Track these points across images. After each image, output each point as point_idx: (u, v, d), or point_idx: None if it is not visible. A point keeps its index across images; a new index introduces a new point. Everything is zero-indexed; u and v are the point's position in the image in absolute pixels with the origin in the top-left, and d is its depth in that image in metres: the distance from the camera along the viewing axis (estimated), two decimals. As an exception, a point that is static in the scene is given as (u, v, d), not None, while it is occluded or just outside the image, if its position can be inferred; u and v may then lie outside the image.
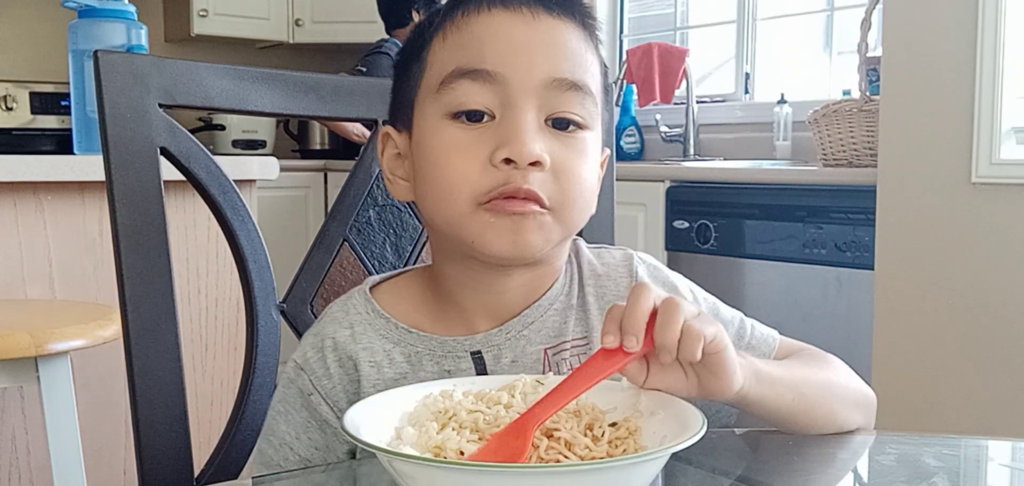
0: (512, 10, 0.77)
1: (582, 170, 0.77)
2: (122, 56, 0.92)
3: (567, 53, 0.78)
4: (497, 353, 0.81)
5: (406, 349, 0.81)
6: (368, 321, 0.83)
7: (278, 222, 3.80)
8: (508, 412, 0.67)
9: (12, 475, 1.94)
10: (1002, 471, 0.84)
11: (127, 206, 0.91)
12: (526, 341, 0.82)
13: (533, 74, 0.76)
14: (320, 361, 0.82)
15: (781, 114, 3.22)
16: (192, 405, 0.95)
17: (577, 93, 0.77)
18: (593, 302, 0.85)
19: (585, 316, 0.85)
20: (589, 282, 0.86)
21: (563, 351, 0.83)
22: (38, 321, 1.60)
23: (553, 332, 0.83)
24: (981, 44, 2.10)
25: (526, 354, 0.82)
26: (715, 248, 2.78)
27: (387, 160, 0.85)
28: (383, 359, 0.81)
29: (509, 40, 0.76)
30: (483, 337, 0.82)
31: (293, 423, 0.83)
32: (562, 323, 0.84)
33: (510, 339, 0.82)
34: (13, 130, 4.01)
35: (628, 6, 4.04)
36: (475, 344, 0.81)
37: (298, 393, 0.83)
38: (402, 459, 0.59)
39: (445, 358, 0.81)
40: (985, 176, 2.12)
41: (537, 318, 0.83)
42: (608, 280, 0.86)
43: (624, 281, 0.86)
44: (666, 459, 0.61)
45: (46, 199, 1.96)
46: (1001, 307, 2.12)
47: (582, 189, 0.78)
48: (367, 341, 0.82)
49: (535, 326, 0.83)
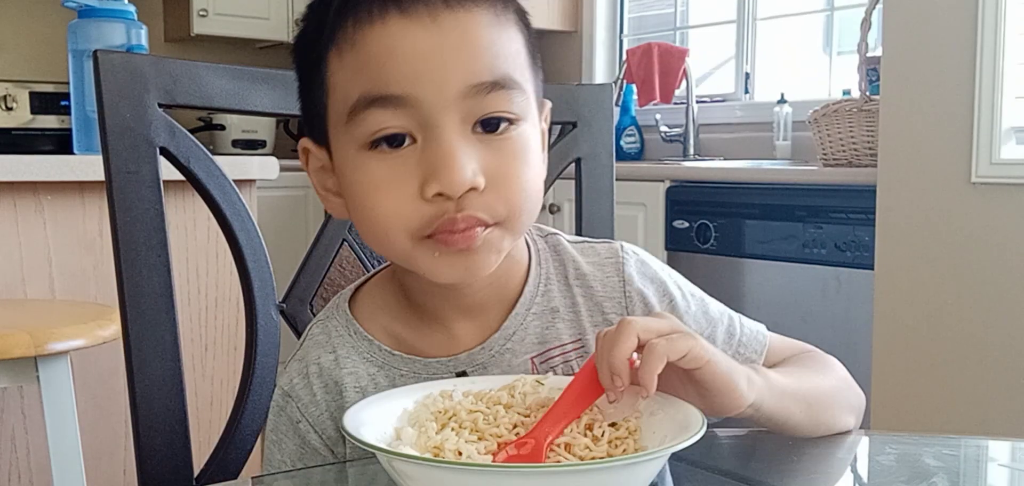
0: (409, 16, 0.67)
1: (521, 172, 0.70)
2: (122, 56, 0.92)
3: (479, 50, 0.68)
4: (482, 371, 0.78)
5: (390, 372, 0.78)
6: (352, 344, 0.79)
7: (278, 222, 3.79)
8: (508, 412, 0.67)
9: (12, 475, 1.94)
10: (1002, 471, 0.84)
11: (127, 206, 0.91)
12: (511, 354, 0.79)
13: (447, 88, 0.67)
14: (306, 388, 0.79)
15: (781, 114, 3.22)
16: (192, 405, 0.95)
17: (500, 90, 0.69)
18: (582, 303, 0.81)
19: (576, 318, 0.81)
20: (575, 282, 0.82)
21: (551, 358, 0.80)
22: (38, 321, 1.60)
23: (537, 339, 0.79)
24: (981, 44, 2.10)
25: (513, 367, 0.78)
26: (715, 248, 2.78)
27: (314, 175, 0.78)
28: (368, 383, 0.78)
29: (413, 55, 0.67)
30: (467, 356, 0.78)
31: (286, 450, 0.80)
32: (545, 328, 0.80)
33: (494, 355, 0.78)
34: (13, 130, 4.01)
35: (628, 6, 4.04)
36: (460, 364, 0.78)
37: (288, 421, 0.80)
38: (402, 459, 0.59)
39: (429, 379, 0.77)
40: (985, 176, 2.12)
41: (517, 328, 0.79)
42: (594, 279, 0.82)
43: (612, 278, 0.82)
44: (666, 459, 0.61)
45: (46, 199, 1.96)
46: (1001, 307, 2.12)
47: (526, 192, 0.71)
48: (351, 366, 0.79)
49: (517, 336, 0.79)
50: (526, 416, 0.66)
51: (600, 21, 4.00)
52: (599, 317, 0.81)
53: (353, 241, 1.06)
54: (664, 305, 0.82)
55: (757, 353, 0.84)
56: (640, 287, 0.82)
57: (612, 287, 0.82)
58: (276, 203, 3.84)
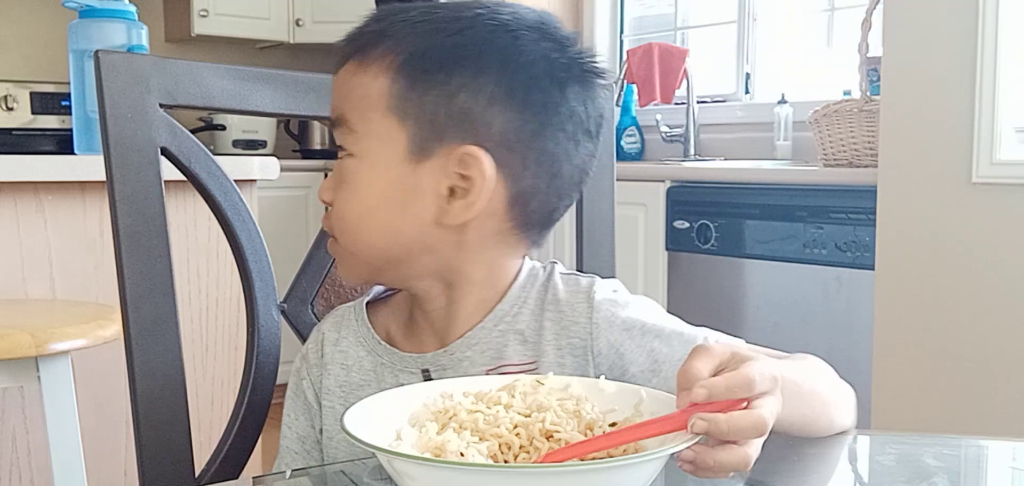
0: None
1: (344, 200, 0.83)
2: (123, 56, 0.92)
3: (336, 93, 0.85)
4: (441, 373, 0.85)
5: (375, 360, 0.88)
6: (354, 329, 0.90)
7: (279, 222, 3.80)
8: (508, 412, 0.67)
9: (13, 475, 1.95)
10: (1002, 471, 0.84)
11: (128, 206, 0.91)
12: (469, 363, 0.85)
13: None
14: (313, 350, 0.91)
15: (781, 114, 3.22)
16: (192, 405, 0.95)
17: (337, 127, 0.84)
18: (550, 326, 0.86)
19: (538, 340, 0.85)
20: (550, 308, 0.86)
21: (504, 372, 0.84)
22: (39, 321, 1.60)
23: (493, 354, 0.85)
24: (981, 44, 2.10)
25: (470, 374, 0.84)
26: (716, 248, 2.78)
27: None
28: (354, 364, 0.89)
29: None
30: (432, 356, 0.86)
31: (291, 406, 0.92)
32: (502, 345, 0.85)
33: (454, 359, 0.85)
34: (14, 130, 4.01)
35: (628, 6, 4.04)
36: (425, 362, 0.86)
37: (296, 380, 0.92)
38: (402, 459, 0.59)
39: (401, 372, 0.86)
40: (985, 176, 2.12)
41: (480, 340, 0.85)
42: (567, 307, 0.86)
43: (582, 309, 0.85)
44: (666, 459, 0.61)
45: (47, 199, 1.96)
46: (1001, 307, 2.12)
47: (345, 220, 0.84)
48: (346, 345, 0.89)
49: (477, 347, 0.85)
50: (527, 416, 0.66)
51: (600, 21, 4.01)
52: (564, 341, 0.85)
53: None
54: (635, 332, 0.84)
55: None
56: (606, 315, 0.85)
57: (581, 315, 0.85)
58: (277, 203, 3.84)
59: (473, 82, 0.80)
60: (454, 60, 0.81)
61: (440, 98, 0.81)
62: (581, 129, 0.84)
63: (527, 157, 0.82)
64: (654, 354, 0.84)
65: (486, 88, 0.80)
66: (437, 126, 0.81)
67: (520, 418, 0.66)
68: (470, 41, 0.81)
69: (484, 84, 0.80)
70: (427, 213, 0.82)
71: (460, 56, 0.81)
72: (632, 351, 0.84)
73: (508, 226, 0.84)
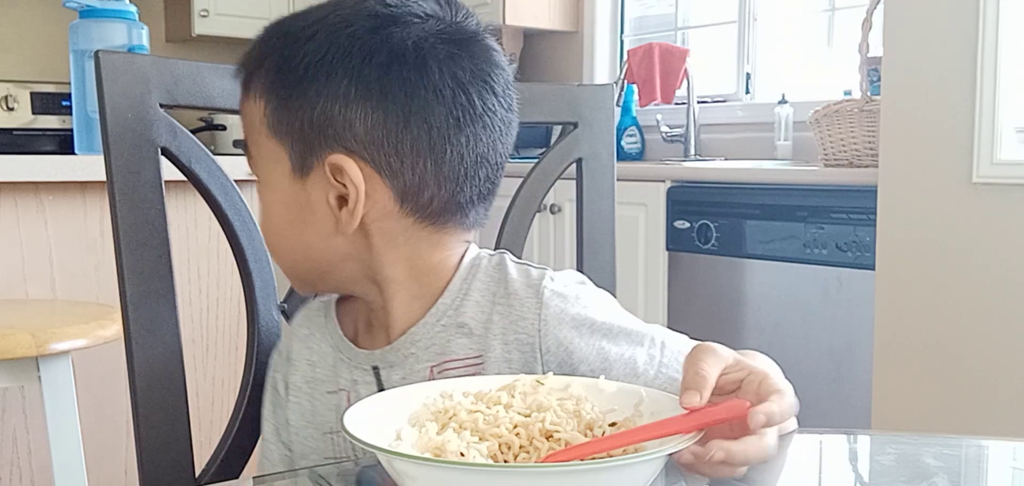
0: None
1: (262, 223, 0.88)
2: (123, 56, 0.92)
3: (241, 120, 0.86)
4: (389, 370, 0.86)
5: (336, 355, 0.89)
6: (321, 324, 0.92)
7: (279, 222, 3.79)
8: (508, 412, 0.67)
9: (13, 475, 1.95)
10: (1002, 471, 0.84)
11: (128, 206, 0.91)
12: (414, 359, 0.85)
13: None
14: (285, 346, 0.94)
15: (782, 114, 3.22)
16: (192, 405, 0.95)
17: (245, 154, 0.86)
18: (498, 321, 0.83)
19: (485, 333, 0.83)
20: (500, 301, 0.84)
21: (448, 369, 0.83)
22: (39, 321, 1.60)
23: (438, 350, 0.84)
24: (981, 44, 2.10)
25: (414, 371, 0.84)
26: (716, 248, 2.78)
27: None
28: (318, 359, 0.90)
29: None
30: (380, 353, 0.86)
31: (268, 400, 0.94)
32: (447, 341, 0.84)
33: (400, 356, 0.85)
34: (14, 130, 4.01)
35: (629, 6, 4.04)
36: (375, 359, 0.86)
37: (272, 373, 0.94)
38: (402, 459, 0.59)
39: (355, 368, 0.87)
40: (985, 176, 2.12)
41: (423, 336, 0.85)
42: (516, 299, 0.83)
43: (530, 304, 0.83)
44: (665, 459, 0.61)
45: (47, 199, 1.96)
46: (1001, 307, 2.12)
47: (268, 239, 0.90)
48: (314, 342, 0.91)
49: (421, 344, 0.84)
50: (527, 416, 0.66)
51: (601, 21, 4.01)
52: (511, 336, 0.83)
53: (354, 241, 1.06)
54: (583, 330, 0.82)
55: (680, 370, 0.80)
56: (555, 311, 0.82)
57: (529, 309, 0.83)
58: (277, 203, 3.84)
59: (326, 88, 0.79)
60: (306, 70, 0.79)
61: (303, 111, 0.80)
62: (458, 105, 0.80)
63: (401, 151, 0.79)
64: (603, 353, 0.82)
65: (339, 91, 0.79)
66: (307, 140, 0.80)
67: (520, 418, 0.66)
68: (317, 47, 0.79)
69: (337, 88, 0.79)
70: (325, 225, 0.82)
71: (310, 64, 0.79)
72: (581, 349, 0.82)
73: (410, 222, 0.82)
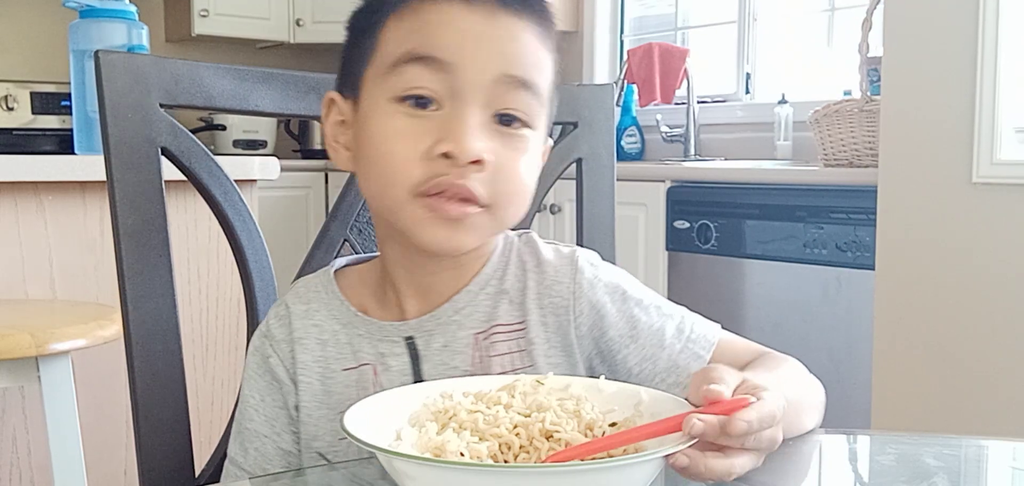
0: (470, 5, 0.77)
1: (520, 169, 0.79)
2: (123, 56, 0.92)
3: (522, 50, 0.78)
4: (428, 338, 0.83)
5: (350, 331, 0.85)
6: (324, 300, 0.86)
7: (279, 222, 3.80)
8: (508, 412, 0.67)
9: (13, 475, 1.95)
10: (1002, 471, 0.84)
11: (128, 206, 0.91)
12: (457, 326, 0.83)
13: (486, 68, 0.76)
14: (278, 326, 0.86)
15: (782, 114, 3.22)
16: (192, 405, 0.95)
17: (526, 92, 0.78)
18: (533, 286, 0.85)
19: (523, 302, 0.85)
20: (532, 270, 0.86)
21: (493, 336, 0.83)
22: (39, 321, 1.60)
23: (483, 317, 0.84)
24: (981, 44, 2.10)
25: (457, 339, 0.83)
26: (716, 248, 2.78)
27: (330, 126, 0.85)
28: (329, 337, 0.85)
29: (465, 31, 0.76)
30: (416, 323, 0.84)
31: (256, 387, 0.86)
32: (492, 308, 0.84)
33: (441, 324, 0.83)
34: (14, 130, 4.01)
35: (628, 6, 4.04)
36: (409, 330, 0.83)
37: (261, 358, 0.87)
38: (402, 459, 0.59)
39: (381, 341, 0.83)
40: (985, 176, 2.12)
41: (467, 303, 0.84)
42: (550, 267, 0.86)
43: (565, 270, 0.85)
44: (664, 459, 0.61)
45: (47, 199, 1.96)
46: (1001, 307, 2.12)
47: (519, 188, 0.79)
48: (319, 319, 0.86)
49: (465, 311, 0.84)
50: (527, 416, 0.66)
51: (601, 21, 4.01)
52: (546, 301, 0.85)
53: (354, 241, 1.07)
54: (616, 298, 0.85)
55: (705, 349, 0.85)
56: (589, 279, 0.85)
57: (565, 283, 0.85)
58: (277, 203, 3.84)
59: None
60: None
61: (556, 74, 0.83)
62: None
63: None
64: (633, 320, 0.85)
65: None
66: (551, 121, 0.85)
67: (520, 418, 0.66)
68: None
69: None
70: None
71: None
72: (612, 314, 0.85)
73: None
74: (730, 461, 0.64)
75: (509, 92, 0.77)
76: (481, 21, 0.77)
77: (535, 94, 0.78)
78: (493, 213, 0.78)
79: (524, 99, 0.78)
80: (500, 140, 0.77)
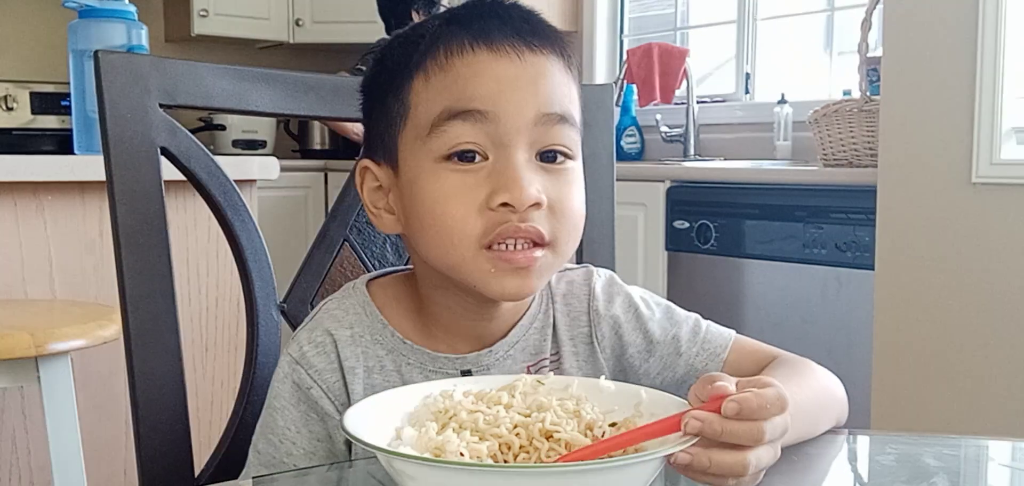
0: (496, 51, 0.78)
1: (574, 202, 0.80)
2: (122, 56, 0.92)
3: (554, 86, 0.79)
4: (485, 372, 0.85)
5: (397, 359, 0.84)
6: (367, 324, 0.84)
7: (278, 222, 3.79)
8: (508, 412, 0.67)
9: (12, 475, 1.94)
10: (1002, 471, 0.84)
11: (127, 206, 0.91)
12: (512, 361, 0.86)
13: (524, 111, 0.77)
14: (319, 355, 0.83)
15: (781, 114, 3.22)
16: (192, 405, 0.95)
17: (565, 125, 0.79)
18: (561, 319, 0.89)
19: (556, 333, 0.88)
20: (557, 300, 0.89)
21: (542, 366, 0.87)
22: (38, 321, 1.60)
23: (533, 350, 0.87)
24: (981, 44, 2.10)
25: (512, 372, 0.84)
26: (715, 248, 2.78)
27: (368, 194, 0.85)
28: (375, 365, 0.83)
29: (497, 78, 0.77)
30: (474, 357, 0.84)
31: (291, 418, 0.82)
32: (541, 341, 0.88)
33: (498, 360, 0.85)
34: (13, 130, 4.01)
35: (628, 6, 4.04)
36: (466, 363, 0.84)
37: (295, 387, 0.82)
38: (401, 459, 0.59)
39: (435, 373, 0.83)
40: (985, 176, 2.12)
41: (521, 338, 0.87)
42: (572, 297, 0.90)
43: (584, 297, 0.89)
44: (665, 459, 0.61)
45: (46, 199, 1.96)
46: (1001, 307, 2.12)
47: (576, 221, 0.80)
48: (364, 345, 0.83)
49: (519, 345, 0.86)
50: (527, 416, 0.66)
51: (600, 21, 4.01)
52: (576, 330, 0.89)
53: (354, 241, 1.06)
54: (630, 315, 0.89)
55: (721, 349, 0.89)
56: (604, 301, 0.90)
57: (584, 302, 0.90)
58: (276, 203, 3.84)
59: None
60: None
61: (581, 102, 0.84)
62: None
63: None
64: (649, 334, 0.89)
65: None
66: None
67: (520, 418, 0.66)
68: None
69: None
70: None
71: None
72: (629, 332, 0.89)
73: None
74: (739, 454, 0.63)
75: (549, 130, 0.78)
76: (511, 65, 0.77)
77: (573, 126, 0.80)
78: (556, 250, 0.79)
79: (564, 133, 0.79)
80: (548, 177, 0.78)
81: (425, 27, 0.81)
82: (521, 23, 0.79)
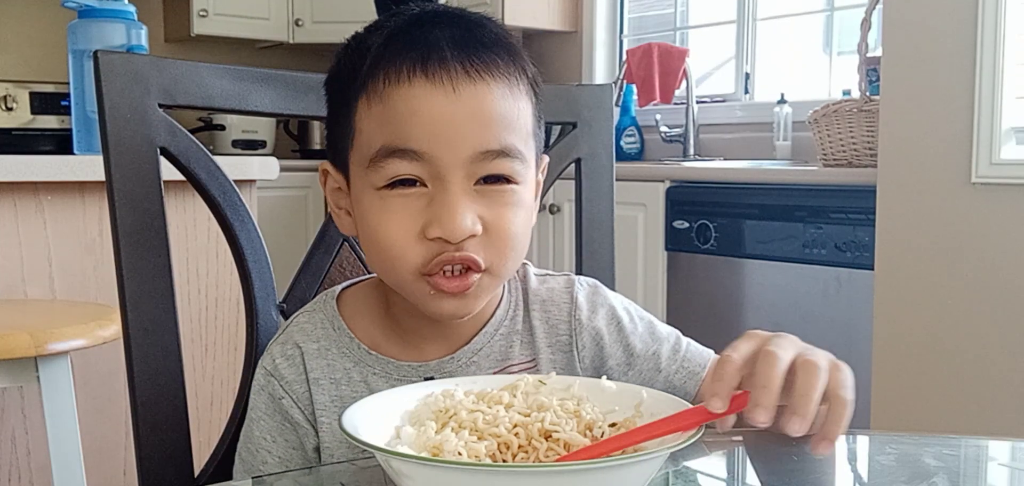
0: (434, 83, 0.76)
1: (513, 224, 0.79)
2: (122, 56, 0.92)
3: (491, 121, 0.77)
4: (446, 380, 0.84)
5: (363, 370, 0.86)
6: (333, 338, 0.87)
7: (278, 222, 3.80)
8: (508, 412, 0.67)
9: (12, 475, 1.94)
10: (1002, 471, 0.84)
11: (127, 206, 0.91)
12: (476, 367, 0.86)
13: (459, 151, 0.76)
14: (289, 367, 0.86)
15: (781, 114, 3.22)
16: (192, 405, 0.95)
17: (504, 158, 0.78)
18: (539, 326, 0.89)
19: (531, 339, 0.89)
20: (535, 307, 0.90)
21: (509, 374, 0.86)
22: (38, 321, 1.60)
23: (499, 356, 0.88)
24: (981, 44, 2.10)
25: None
26: (715, 248, 2.78)
27: (330, 193, 0.87)
28: (342, 377, 0.85)
29: (433, 118, 0.76)
30: (436, 364, 0.86)
31: (267, 428, 0.86)
32: (507, 347, 0.88)
33: (461, 366, 0.86)
34: (13, 130, 4.01)
35: (628, 6, 4.04)
36: (429, 370, 0.85)
37: (269, 398, 0.86)
38: (400, 458, 0.59)
39: (399, 381, 0.84)
40: (985, 176, 2.12)
41: (485, 344, 0.87)
42: (552, 305, 0.90)
43: (565, 305, 0.90)
44: (665, 458, 0.61)
45: (46, 199, 1.96)
46: (1001, 307, 2.12)
47: (514, 243, 0.80)
48: (331, 358, 0.86)
49: (483, 352, 0.87)
50: (526, 416, 0.66)
51: (600, 21, 4.01)
52: (554, 338, 0.90)
53: (353, 242, 1.06)
54: (612, 327, 0.90)
55: (700, 368, 0.90)
56: (588, 312, 0.90)
57: (565, 311, 0.90)
58: (276, 203, 3.84)
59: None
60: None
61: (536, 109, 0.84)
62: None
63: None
64: (630, 348, 0.90)
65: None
66: (543, 131, 0.85)
67: (520, 418, 0.66)
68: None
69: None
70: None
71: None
72: (610, 345, 0.89)
73: None
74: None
75: (487, 163, 0.77)
76: (446, 103, 0.76)
77: (514, 156, 0.78)
78: (493, 272, 0.79)
79: (503, 164, 0.78)
80: (487, 200, 0.78)
81: (370, 42, 0.80)
82: (464, 38, 0.78)
